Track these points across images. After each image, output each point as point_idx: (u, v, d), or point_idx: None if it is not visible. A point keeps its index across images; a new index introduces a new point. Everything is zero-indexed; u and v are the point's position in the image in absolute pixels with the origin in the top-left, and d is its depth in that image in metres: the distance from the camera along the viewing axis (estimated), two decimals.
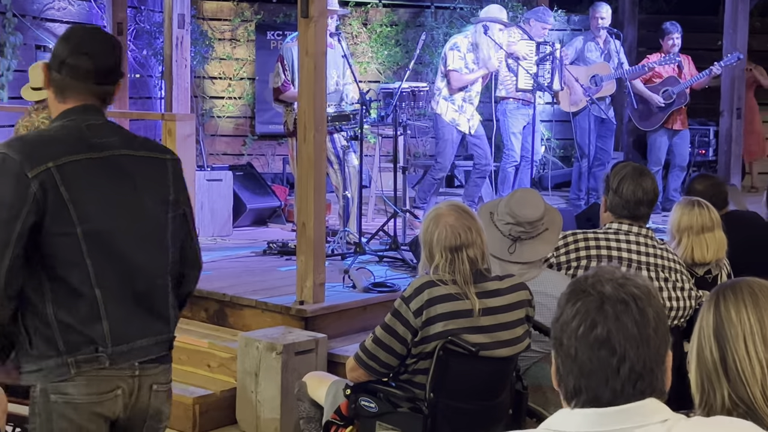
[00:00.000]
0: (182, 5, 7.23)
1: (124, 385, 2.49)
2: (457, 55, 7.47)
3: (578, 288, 1.68)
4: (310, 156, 5.06)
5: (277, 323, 5.08)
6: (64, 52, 2.49)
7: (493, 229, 3.60)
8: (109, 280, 2.45)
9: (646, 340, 1.65)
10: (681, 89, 8.47)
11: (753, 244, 4.39)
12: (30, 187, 2.35)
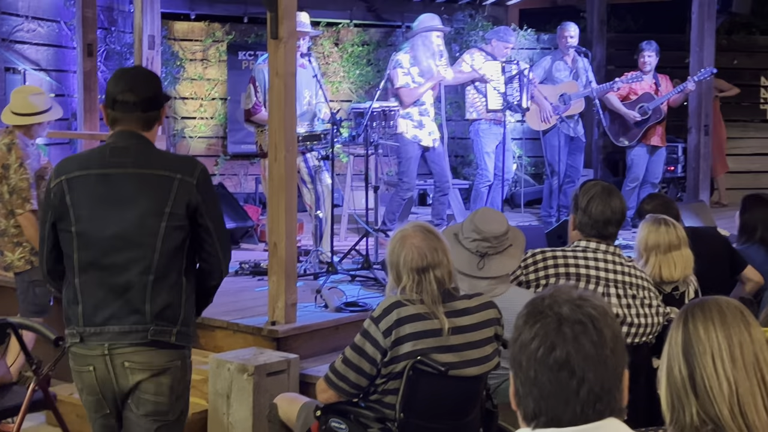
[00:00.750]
0: (152, 26, 7.25)
1: (95, 363, 3.02)
2: (401, 72, 7.43)
3: (535, 309, 1.68)
4: (281, 176, 5.06)
5: (249, 344, 5.06)
6: (115, 91, 3.08)
7: (460, 248, 3.63)
8: (88, 273, 3.01)
9: (604, 360, 1.66)
10: (656, 105, 8.55)
11: (712, 260, 4.44)
12: (50, 194, 3.06)
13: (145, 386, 3.04)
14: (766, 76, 11.80)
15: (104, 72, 8.52)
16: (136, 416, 3.08)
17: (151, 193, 3.01)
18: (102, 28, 8.44)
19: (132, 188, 3.01)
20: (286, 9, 4.99)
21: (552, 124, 8.35)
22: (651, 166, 8.73)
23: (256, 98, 6.65)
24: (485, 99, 8.00)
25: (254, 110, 6.68)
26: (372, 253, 6.54)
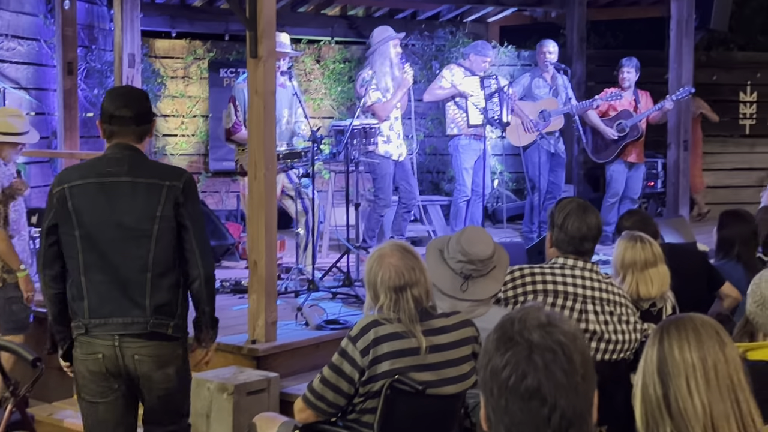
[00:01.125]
0: (132, 45, 7.25)
1: (104, 350, 3.39)
2: (371, 89, 7.47)
3: (506, 335, 1.68)
4: (261, 194, 5.07)
5: (229, 363, 5.05)
6: (111, 107, 3.45)
7: (445, 267, 3.63)
8: (92, 271, 3.38)
9: (575, 387, 1.66)
10: (634, 122, 8.61)
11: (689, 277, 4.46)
12: (53, 199, 3.41)
13: (155, 377, 3.44)
14: (744, 92, 11.90)
15: (84, 90, 8.51)
16: (149, 400, 3.50)
17: (144, 199, 3.38)
18: (82, 46, 8.43)
19: (126, 194, 3.38)
20: (266, 28, 5.01)
21: (532, 140, 8.39)
22: (630, 182, 8.79)
23: (236, 117, 6.66)
24: (466, 114, 8.04)
25: (234, 129, 6.68)
26: (353, 270, 6.54)
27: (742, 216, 4.99)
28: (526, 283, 3.82)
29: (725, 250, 5.00)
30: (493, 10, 10.98)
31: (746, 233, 4.92)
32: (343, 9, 10.76)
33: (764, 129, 11.94)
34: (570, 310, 3.74)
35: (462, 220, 8.18)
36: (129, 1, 7.44)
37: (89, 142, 8.64)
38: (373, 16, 10.96)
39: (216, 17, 9.99)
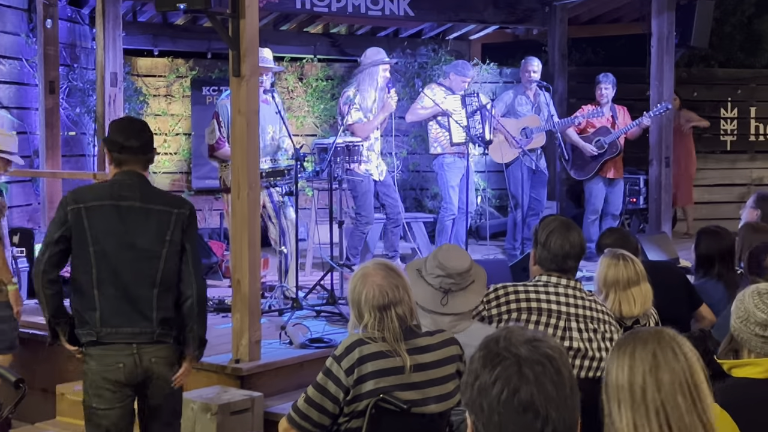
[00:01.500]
0: (114, 63, 7.24)
1: (124, 360, 3.75)
2: (354, 108, 7.50)
3: (492, 352, 1.69)
4: (244, 213, 5.07)
5: (212, 383, 5.03)
6: (120, 138, 3.85)
7: (424, 284, 3.64)
8: (105, 285, 3.74)
9: (564, 400, 1.67)
10: (612, 139, 8.68)
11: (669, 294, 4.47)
12: (67, 215, 3.75)
13: (167, 375, 3.84)
14: (725, 108, 12.00)
15: (66, 109, 8.49)
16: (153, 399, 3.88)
17: (156, 224, 3.79)
18: (64, 65, 8.42)
19: (140, 219, 3.79)
20: (249, 47, 5.02)
21: (515, 157, 8.43)
22: (611, 198, 8.85)
23: (219, 133, 6.66)
24: (449, 133, 8.07)
25: (218, 146, 6.68)
26: (337, 288, 6.54)
27: (719, 233, 5.00)
28: (510, 300, 3.82)
29: (705, 268, 5.00)
30: (475, 28, 11.04)
31: (724, 251, 4.93)
32: (326, 27, 10.79)
33: (745, 145, 12.04)
34: (554, 327, 3.75)
35: (447, 237, 8.20)
36: (111, 20, 7.43)
37: (71, 161, 8.62)
38: (355, 34, 11.00)
39: (198, 35, 9.99)
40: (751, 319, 3.03)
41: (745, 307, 3.06)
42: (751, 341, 3.04)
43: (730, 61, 12.34)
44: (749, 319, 3.04)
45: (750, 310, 3.04)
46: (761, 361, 3.01)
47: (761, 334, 3.01)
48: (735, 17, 12.18)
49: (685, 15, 9.07)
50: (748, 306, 3.05)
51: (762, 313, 3.02)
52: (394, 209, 7.83)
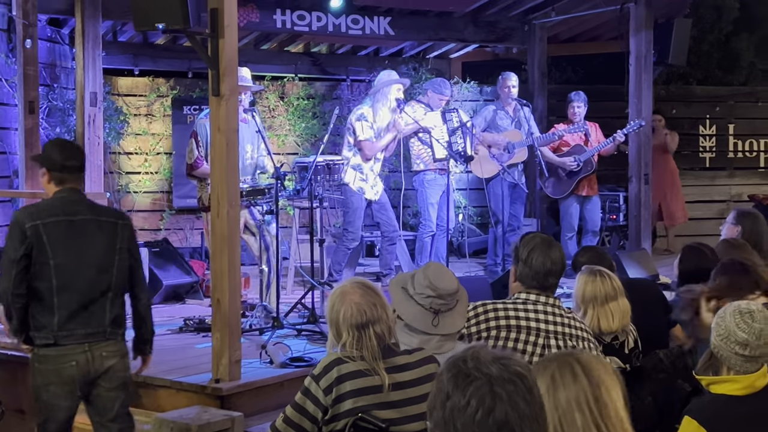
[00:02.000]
0: (94, 83, 7.23)
1: (77, 358, 4.08)
2: (366, 125, 7.57)
3: (462, 372, 1.69)
4: (224, 232, 5.05)
5: (192, 403, 4.99)
6: (60, 159, 4.16)
7: (413, 303, 3.60)
8: (63, 293, 4.06)
9: (536, 417, 1.68)
10: (587, 157, 8.73)
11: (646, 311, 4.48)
12: (26, 232, 4.02)
13: (117, 366, 4.19)
14: (704, 125, 12.09)
15: (46, 129, 8.46)
16: (107, 390, 4.19)
17: (107, 235, 4.17)
18: (44, 85, 8.40)
19: (93, 231, 4.14)
20: (228, 66, 5.02)
21: (496, 172, 8.47)
22: (588, 215, 8.90)
23: (198, 152, 6.66)
24: (431, 149, 8.09)
25: (196, 165, 6.68)
26: (318, 307, 6.52)
27: (703, 251, 5.01)
28: (489, 318, 3.83)
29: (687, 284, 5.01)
30: (455, 46, 11.09)
31: (706, 269, 4.94)
32: (307, 46, 10.82)
33: (723, 162, 12.13)
34: (533, 345, 3.75)
35: (427, 254, 8.20)
36: (90, 40, 7.42)
37: None
38: (336, 53, 11.03)
39: (179, 55, 10.00)
40: (732, 338, 3.05)
41: (726, 326, 3.08)
42: (731, 359, 3.06)
43: (708, 78, 12.46)
44: (729, 338, 3.06)
45: (731, 329, 3.06)
46: (740, 378, 3.03)
47: (741, 353, 3.04)
48: (712, 35, 12.32)
49: (663, 33, 9.15)
50: (729, 325, 3.08)
51: (742, 332, 3.04)
52: (390, 227, 7.86)
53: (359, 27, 9.73)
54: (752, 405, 2.98)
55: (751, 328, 3.04)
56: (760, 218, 5.87)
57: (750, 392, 3.01)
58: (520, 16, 10.51)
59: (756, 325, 3.05)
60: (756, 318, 3.07)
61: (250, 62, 9.34)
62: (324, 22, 9.52)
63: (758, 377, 3.03)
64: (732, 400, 3.00)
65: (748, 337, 3.03)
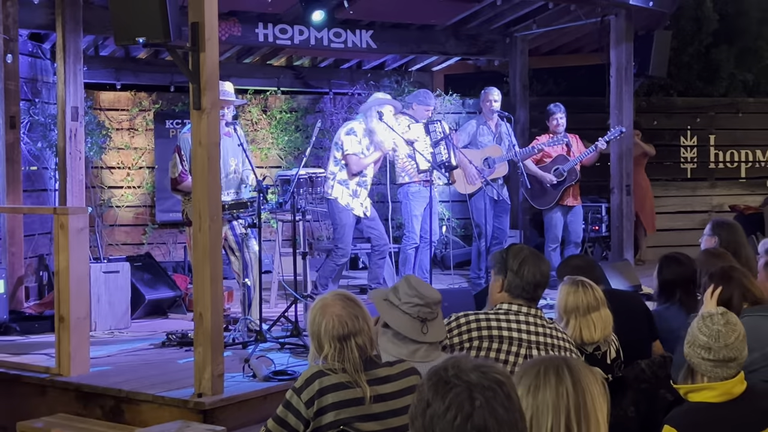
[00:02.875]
0: (76, 98, 7.21)
1: None
2: (354, 140, 7.61)
3: (441, 380, 1.70)
4: (206, 246, 5.04)
5: (175, 417, 4.97)
6: None
7: (400, 312, 3.61)
8: None
9: (515, 423, 1.70)
10: (571, 166, 8.78)
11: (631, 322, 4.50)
12: None
13: None
14: (685, 136, 12.17)
15: (28, 144, 8.44)
16: None
17: None
18: (25, 99, 8.37)
19: None
20: (209, 80, 5.02)
21: (478, 187, 8.49)
22: (571, 226, 8.93)
23: (182, 167, 6.65)
24: (415, 162, 8.11)
25: (180, 179, 6.67)
26: (301, 320, 6.51)
27: (681, 260, 5.04)
28: (472, 329, 3.83)
29: (666, 294, 5.04)
30: (437, 59, 11.14)
31: (686, 277, 4.97)
32: (289, 59, 10.84)
33: (705, 172, 12.21)
34: (515, 355, 3.76)
35: (411, 267, 8.21)
36: (72, 54, 7.41)
37: (32, 196, 8.55)
38: (318, 66, 11.05)
39: (161, 69, 10.00)
40: (696, 343, 3.09)
41: (691, 331, 3.13)
42: (701, 365, 3.09)
43: (688, 90, 12.54)
44: (695, 343, 3.10)
45: (694, 334, 3.11)
46: (716, 385, 3.05)
47: (706, 357, 3.07)
48: (693, 47, 12.40)
49: (644, 45, 9.22)
50: (693, 330, 3.12)
51: (703, 335, 3.08)
52: (381, 241, 7.89)
53: (341, 40, 9.76)
54: (730, 412, 3.00)
55: (710, 331, 3.09)
56: (737, 228, 5.91)
57: (727, 399, 3.03)
58: (502, 29, 10.56)
59: (715, 327, 3.10)
60: (715, 321, 3.12)
61: (232, 76, 9.36)
62: (306, 36, 9.55)
63: (735, 384, 3.05)
64: (710, 408, 3.02)
65: (708, 340, 3.07)
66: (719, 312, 3.16)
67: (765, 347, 3.83)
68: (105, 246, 9.50)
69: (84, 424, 5.17)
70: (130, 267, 7.35)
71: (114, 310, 7.09)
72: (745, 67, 12.72)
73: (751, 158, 12.39)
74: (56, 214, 5.66)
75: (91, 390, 5.35)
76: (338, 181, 7.62)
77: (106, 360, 6.00)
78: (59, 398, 5.48)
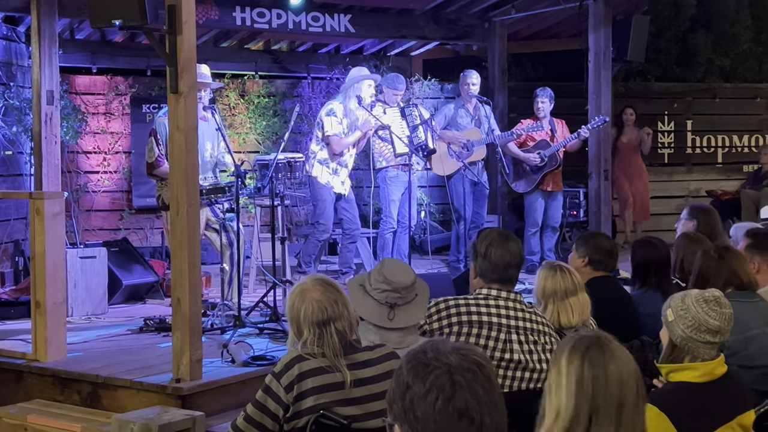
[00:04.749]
0: (51, 82, 7.14)
1: None
2: (335, 120, 7.59)
3: (421, 362, 1.71)
4: (183, 230, 5.01)
5: (153, 403, 4.95)
6: None
7: (369, 299, 3.61)
8: None
9: (495, 404, 1.71)
10: (552, 152, 8.78)
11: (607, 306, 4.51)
12: None
13: None
14: (662, 122, 12.21)
15: (3, 128, 8.35)
16: None
17: None
18: (0, 83, 8.28)
19: None
20: (186, 63, 4.98)
21: (456, 168, 8.49)
22: (550, 211, 8.96)
23: (158, 151, 6.60)
24: (392, 145, 8.09)
25: (157, 164, 6.62)
26: (280, 305, 6.49)
27: (653, 244, 5.07)
28: (451, 314, 3.83)
29: (641, 278, 5.07)
30: (416, 44, 11.11)
31: (659, 260, 5.00)
32: (267, 44, 10.78)
33: (682, 157, 12.27)
34: (494, 340, 3.77)
35: (389, 251, 8.21)
36: (47, 38, 7.32)
37: (8, 180, 8.47)
38: (296, 50, 11.00)
39: (137, 53, 9.91)
40: (702, 328, 3.10)
41: (693, 317, 3.12)
42: (700, 349, 3.11)
43: (666, 75, 12.58)
44: (700, 328, 3.11)
45: (701, 318, 3.11)
46: (699, 365, 3.08)
47: (713, 341, 3.10)
48: (670, 32, 12.43)
49: (622, 30, 9.22)
50: (698, 315, 3.12)
51: (714, 320, 3.11)
52: (352, 225, 7.90)
53: (319, 24, 9.70)
54: (711, 392, 3.04)
55: (721, 315, 3.14)
56: (714, 213, 5.97)
57: (709, 379, 3.06)
58: (481, 14, 10.54)
59: (725, 311, 3.16)
60: (722, 303, 3.17)
61: (209, 60, 9.27)
62: (284, 20, 9.49)
63: (716, 365, 3.09)
64: (692, 387, 3.05)
65: (720, 324, 3.11)
66: (718, 295, 3.19)
67: (744, 332, 3.88)
68: (81, 231, 9.43)
69: (61, 410, 5.14)
70: (107, 252, 7.30)
71: (91, 295, 7.05)
72: (722, 53, 12.76)
73: (727, 143, 12.46)
74: (32, 198, 5.60)
75: (68, 376, 5.32)
76: (318, 161, 7.64)
77: (83, 346, 5.96)
78: (36, 384, 5.44)
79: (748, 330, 3.92)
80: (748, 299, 4.08)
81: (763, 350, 3.91)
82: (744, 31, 12.86)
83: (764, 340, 3.94)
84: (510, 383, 3.75)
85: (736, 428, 3.02)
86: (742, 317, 3.87)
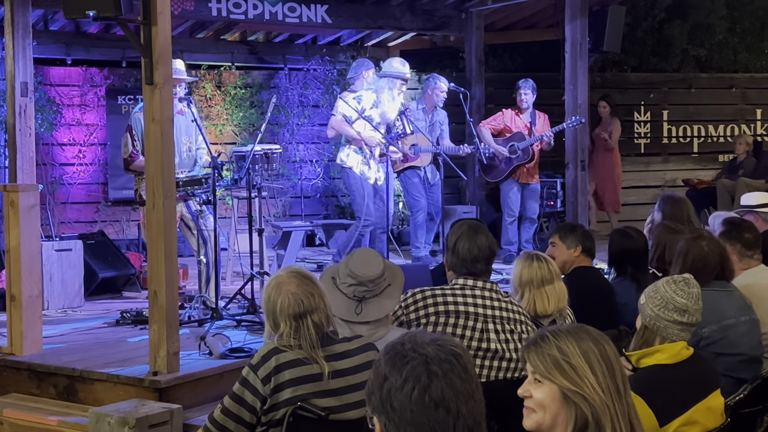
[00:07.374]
0: (25, 73, 7.08)
1: None
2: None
3: (398, 354, 1.72)
4: (160, 223, 4.99)
5: (130, 396, 4.93)
6: None
7: (338, 293, 3.60)
8: None
9: (472, 394, 1.72)
10: (526, 145, 8.80)
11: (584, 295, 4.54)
12: None
13: None
14: (638, 112, 12.28)
15: None
16: None
17: None
18: None
19: None
20: (161, 55, 4.95)
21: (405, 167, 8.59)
22: (527, 202, 9.01)
23: (132, 147, 6.55)
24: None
25: (132, 158, 6.57)
26: (257, 297, 6.47)
27: (630, 234, 5.10)
28: (428, 305, 3.84)
29: (618, 268, 5.10)
30: (393, 34, 11.10)
31: (635, 250, 5.02)
32: (243, 35, 10.73)
33: (658, 147, 12.34)
34: (471, 329, 3.78)
35: (366, 242, 8.20)
36: (20, 29, 7.25)
37: None
38: (273, 41, 10.95)
39: (112, 44, 9.84)
40: (670, 306, 3.16)
41: (661, 296, 3.19)
42: (668, 328, 3.16)
43: (642, 65, 12.64)
44: (667, 306, 3.16)
45: (668, 296, 3.17)
46: (666, 347, 3.14)
47: (679, 319, 3.15)
48: (646, 22, 12.48)
49: (598, 21, 9.25)
50: (666, 294, 3.18)
51: (681, 298, 3.16)
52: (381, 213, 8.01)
53: (296, 15, 9.66)
54: (681, 372, 3.10)
55: (687, 294, 3.19)
56: (682, 201, 5.97)
57: (676, 361, 3.12)
58: (457, 4, 10.53)
59: (693, 290, 3.21)
60: (690, 284, 3.23)
61: (185, 51, 9.26)
62: (260, 10, 9.43)
63: (681, 347, 3.15)
64: (663, 369, 3.11)
65: (687, 302, 3.16)
66: (688, 277, 3.24)
67: (721, 321, 3.92)
68: (57, 224, 9.36)
69: (37, 404, 5.12)
70: (82, 245, 7.26)
71: (67, 288, 7.01)
72: (697, 43, 12.83)
73: (703, 133, 12.55)
74: (6, 191, 5.56)
75: (44, 369, 5.29)
76: (353, 150, 7.86)
77: (60, 339, 5.93)
78: (11, 378, 5.41)
79: (725, 319, 3.96)
80: (724, 288, 4.11)
81: (739, 338, 3.95)
82: (719, 22, 12.94)
83: (740, 329, 3.98)
84: (487, 372, 3.77)
85: (705, 412, 3.05)
86: (719, 306, 3.92)
